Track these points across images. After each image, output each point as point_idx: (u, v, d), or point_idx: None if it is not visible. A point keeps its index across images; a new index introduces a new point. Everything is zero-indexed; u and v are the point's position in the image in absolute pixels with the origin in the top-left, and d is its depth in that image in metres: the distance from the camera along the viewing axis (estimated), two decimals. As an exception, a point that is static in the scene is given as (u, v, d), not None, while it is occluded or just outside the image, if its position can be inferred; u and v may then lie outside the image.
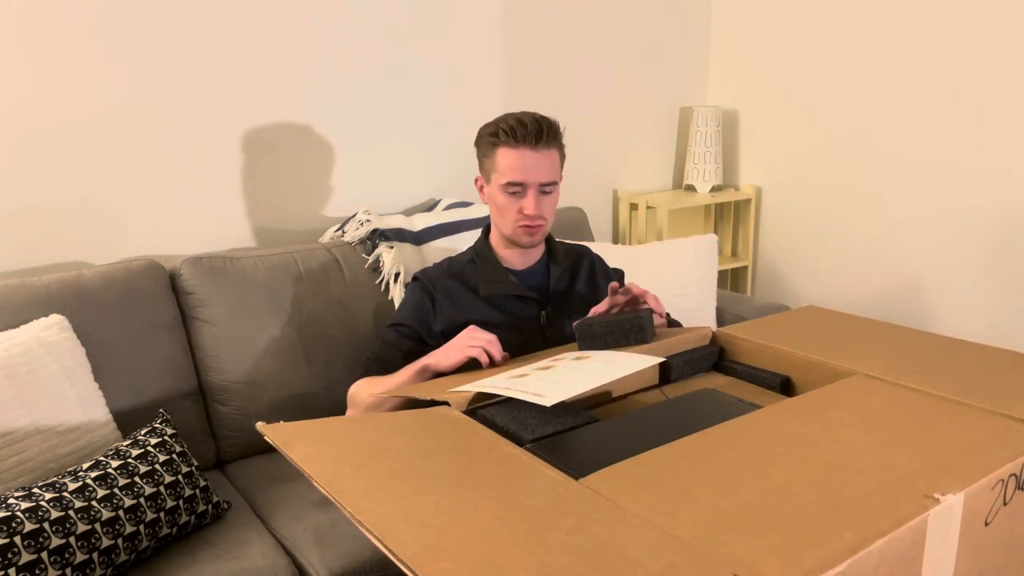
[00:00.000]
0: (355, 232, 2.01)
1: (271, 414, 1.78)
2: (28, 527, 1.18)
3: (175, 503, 1.39)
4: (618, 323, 1.32)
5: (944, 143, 2.34)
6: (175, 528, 1.39)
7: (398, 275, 1.93)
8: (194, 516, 1.43)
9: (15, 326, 1.53)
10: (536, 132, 1.45)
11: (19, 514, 1.18)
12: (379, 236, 1.98)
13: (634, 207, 2.79)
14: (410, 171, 2.32)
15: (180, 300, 1.77)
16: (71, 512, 1.23)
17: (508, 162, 1.46)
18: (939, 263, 2.42)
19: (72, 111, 1.79)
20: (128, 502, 1.31)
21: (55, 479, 1.29)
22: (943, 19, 2.29)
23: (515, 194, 1.48)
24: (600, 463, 0.88)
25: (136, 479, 1.35)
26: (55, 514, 1.22)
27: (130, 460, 1.37)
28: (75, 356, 1.52)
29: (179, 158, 1.94)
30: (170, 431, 1.48)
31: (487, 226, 1.61)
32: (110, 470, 1.33)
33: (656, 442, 0.93)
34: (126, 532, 1.29)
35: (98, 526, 1.25)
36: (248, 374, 1.77)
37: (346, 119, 2.17)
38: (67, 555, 1.20)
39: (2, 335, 1.47)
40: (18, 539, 1.16)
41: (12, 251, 1.77)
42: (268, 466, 1.76)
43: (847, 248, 2.66)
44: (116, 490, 1.31)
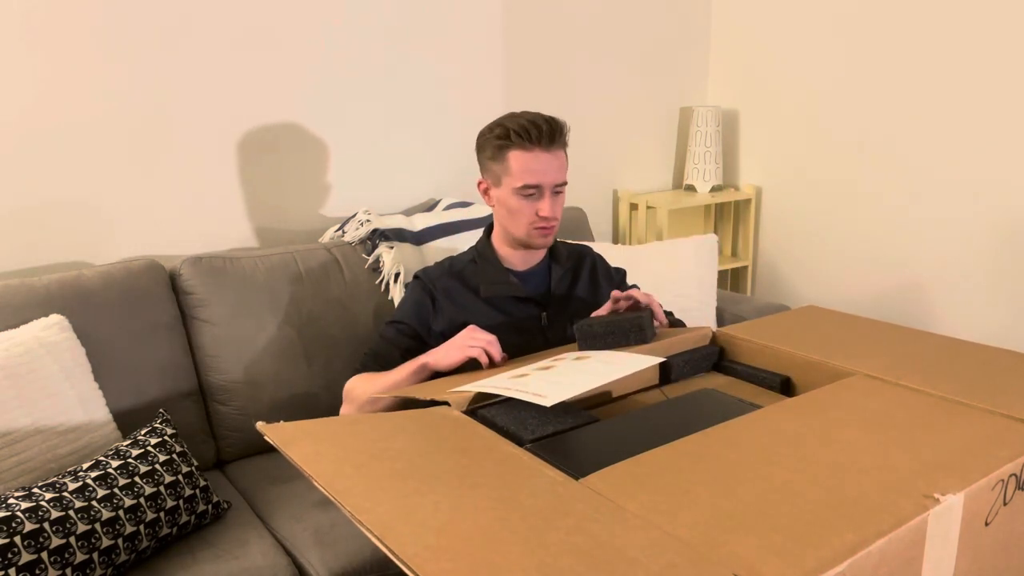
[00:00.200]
0: (355, 232, 2.01)
1: (271, 414, 1.78)
2: (28, 527, 1.18)
3: (175, 503, 1.39)
4: (618, 323, 1.32)
5: (944, 143, 2.34)
6: (175, 528, 1.39)
7: (398, 275, 1.93)
8: (194, 516, 1.43)
9: (15, 326, 1.53)
10: (549, 133, 1.44)
11: (19, 514, 1.18)
12: (379, 236, 1.98)
13: (634, 207, 2.79)
14: (410, 171, 2.32)
15: (180, 300, 1.77)
16: (71, 512, 1.23)
17: (522, 164, 1.44)
18: (939, 263, 2.42)
19: (72, 111, 1.79)
20: (128, 502, 1.31)
21: (55, 479, 1.29)
22: (944, 18, 2.29)
23: (530, 196, 1.46)
24: (600, 463, 0.88)
25: (136, 479, 1.35)
26: (55, 514, 1.22)
27: (130, 460, 1.37)
28: (75, 356, 1.52)
29: (179, 158, 1.94)
30: (170, 431, 1.48)
31: (489, 226, 1.60)
32: (110, 470, 1.33)
33: (656, 442, 0.93)
34: (126, 532, 1.29)
35: (98, 526, 1.25)
36: (248, 374, 1.77)
37: (346, 119, 2.17)
38: (67, 555, 1.20)
39: (2, 335, 1.47)
40: (18, 539, 1.16)
41: (12, 251, 1.77)
42: (268, 466, 1.76)
43: (847, 248, 2.66)
44: (116, 490, 1.31)
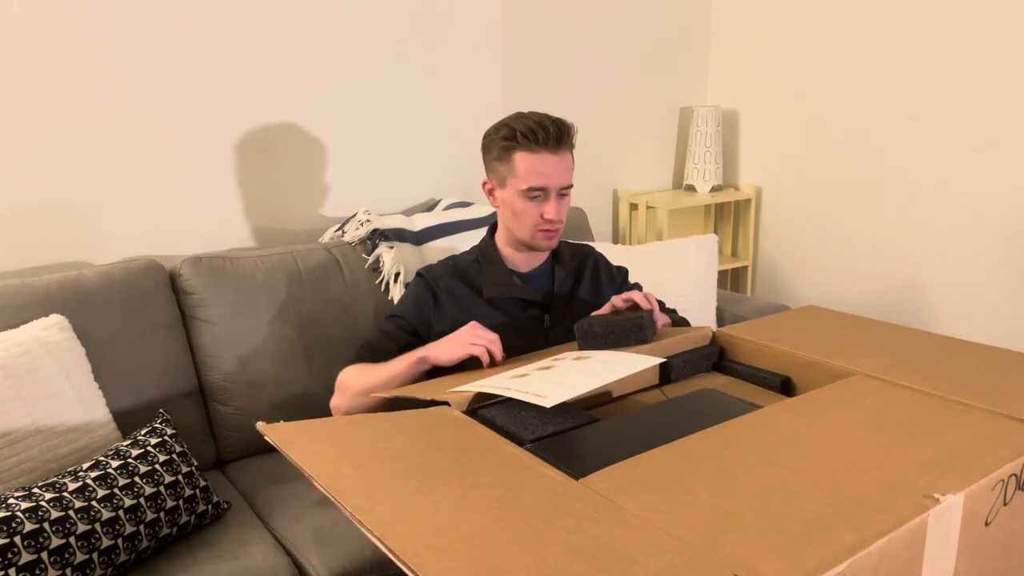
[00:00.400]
0: (355, 232, 2.01)
1: (271, 414, 1.78)
2: (28, 527, 1.18)
3: (175, 503, 1.39)
4: (618, 323, 1.32)
5: (944, 143, 2.34)
6: (175, 528, 1.39)
7: (398, 275, 1.93)
8: (194, 516, 1.43)
9: (15, 326, 1.53)
10: (556, 135, 1.43)
11: (19, 514, 1.18)
12: (379, 236, 1.98)
13: (634, 207, 2.79)
14: (410, 171, 2.32)
15: (180, 300, 1.77)
16: (71, 512, 1.23)
17: (528, 166, 1.43)
18: (939, 263, 2.42)
19: (72, 111, 1.79)
20: (128, 502, 1.31)
21: (55, 479, 1.29)
22: (944, 18, 2.29)
23: (536, 199, 1.45)
24: (600, 463, 0.88)
25: (136, 479, 1.35)
26: (55, 514, 1.22)
27: (130, 460, 1.37)
28: (75, 356, 1.52)
29: (179, 158, 1.94)
30: (170, 431, 1.48)
31: (493, 225, 1.59)
32: (110, 470, 1.33)
33: (656, 442, 0.93)
34: (126, 532, 1.29)
35: (98, 526, 1.25)
36: (248, 374, 1.77)
37: (346, 119, 2.17)
38: (67, 555, 1.20)
39: (2, 335, 1.47)
40: (18, 539, 1.16)
41: (12, 251, 1.77)
42: (268, 466, 1.75)
43: (847, 248, 2.66)
44: (116, 490, 1.31)
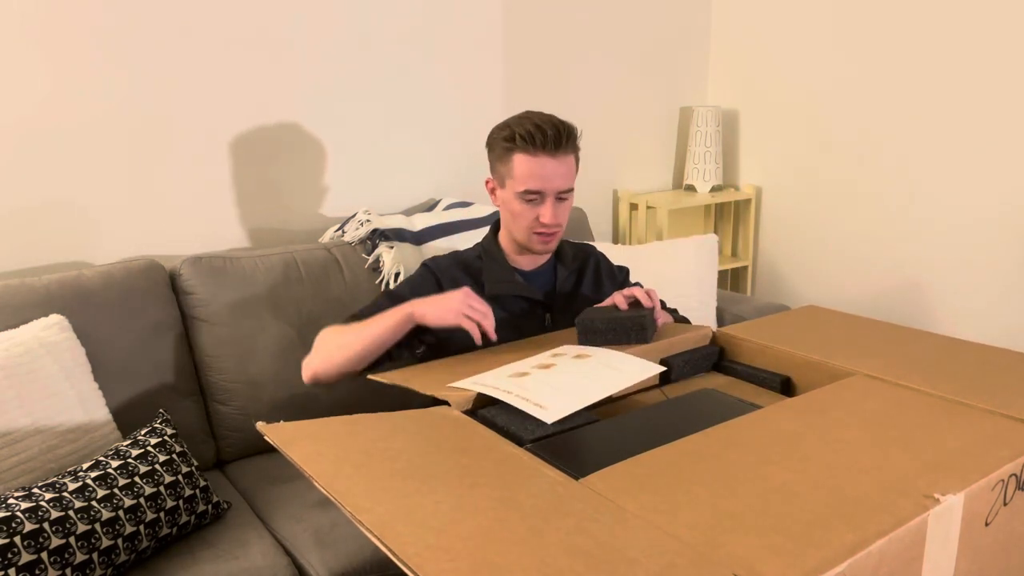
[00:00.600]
0: (355, 232, 2.01)
1: (271, 414, 1.78)
2: (28, 527, 1.18)
3: (175, 503, 1.39)
4: (620, 321, 1.31)
5: (944, 143, 2.34)
6: (175, 528, 1.39)
7: (398, 275, 1.93)
8: (194, 516, 1.43)
9: (15, 326, 1.53)
10: (555, 138, 1.40)
11: (19, 514, 1.18)
12: (379, 236, 1.98)
13: (634, 207, 2.79)
14: (410, 171, 2.32)
15: (180, 300, 1.77)
16: (71, 512, 1.23)
17: (525, 169, 1.42)
18: (939, 263, 2.42)
19: (72, 112, 1.79)
20: (128, 502, 1.31)
21: (55, 479, 1.29)
22: (944, 17, 2.29)
23: (532, 202, 1.44)
24: (600, 463, 0.88)
25: (136, 479, 1.35)
26: (55, 514, 1.22)
27: (130, 460, 1.37)
28: (75, 356, 1.52)
29: (179, 158, 1.94)
30: (170, 431, 1.48)
31: (496, 223, 1.58)
32: (110, 470, 1.33)
33: (656, 442, 0.93)
34: (126, 532, 1.29)
35: (98, 526, 1.25)
36: (248, 374, 1.77)
37: (346, 119, 2.17)
38: (67, 555, 1.20)
39: (2, 335, 1.47)
40: (18, 539, 1.16)
41: (12, 251, 1.77)
42: (268, 466, 1.75)
43: (847, 248, 2.66)
44: (116, 490, 1.31)
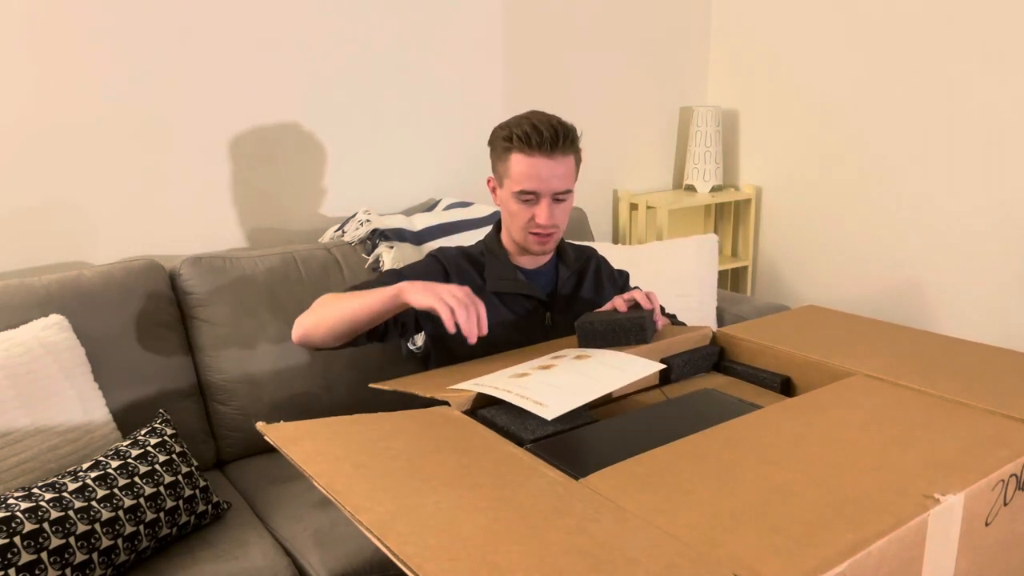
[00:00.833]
0: (355, 232, 2.01)
1: (271, 414, 1.78)
2: (28, 527, 1.18)
3: (175, 503, 1.39)
4: (619, 322, 1.32)
5: (945, 142, 2.34)
6: (175, 528, 1.39)
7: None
8: (194, 516, 1.43)
9: (15, 326, 1.53)
10: (552, 139, 1.40)
11: (19, 514, 1.18)
12: (379, 236, 1.98)
13: (634, 207, 2.79)
14: (410, 171, 2.32)
15: (180, 300, 1.77)
16: (71, 512, 1.23)
17: (521, 169, 1.42)
18: (939, 263, 2.42)
19: (72, 112, 1.79)
20: (128, 502, 1.31)
21: (55, 479, 1.29)
22: (944, 18, 2.29)
23: (527, 202, 1.44)
24: (600, 463, 0.88)
25: (136, 479, 1.35)
26: (55, 514, 1.21)
27: (130, 460, 1.37)
28: (75, 356, 1.52)
29: (179, 158, 1.94)
30: (170, 431, 1.48)
31: (499, 221, 1.58)
32: (110, 470, 1.33)
33: (656, 442, 0.93)
34: (126, 532, 1.29)
35: (98, 526, 1.25)
36: (248, 374, 1.77)
37: (346, 119, 2.17)
38: (67, 555, 1.20)
39: (2, 335, 1.47)
40: (18, 539, 1.16)
41: (12, 251, 1.77)
42: (268, 466, 1.75)
43: (847, 248, 2.66)
44: (116, 490, 1.31)
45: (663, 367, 1.20)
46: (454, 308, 1.17)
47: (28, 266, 1.80)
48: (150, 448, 1.42)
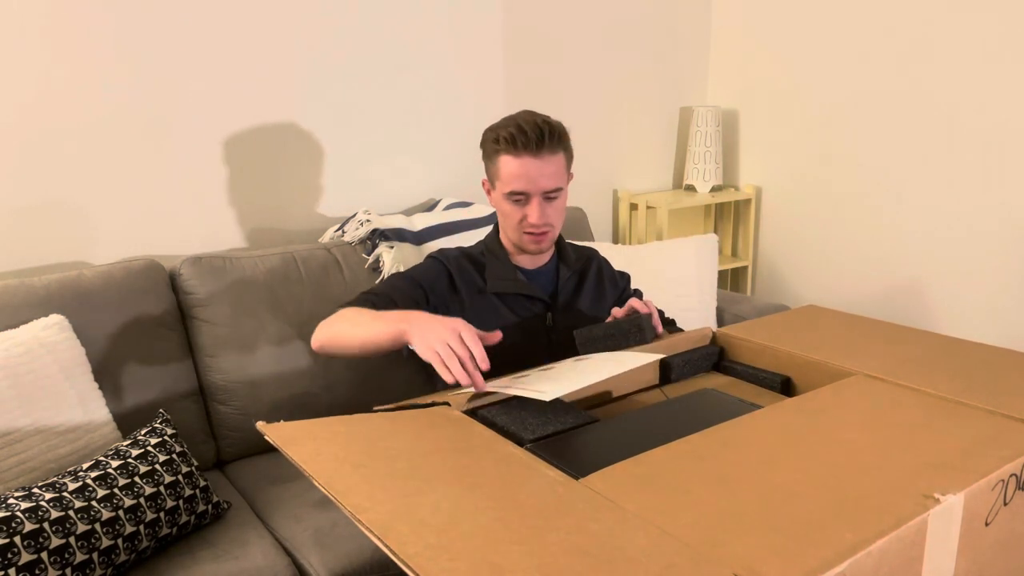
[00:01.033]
0: (355, 232, 2.01)
1: (271, 414, 1.78)
2: (28, 527, 1.18)
3: (175, 503, 1.39)
4: (617, 325, 1.32)
5: (944, 142, 2.34)
6: (175, 528, 1.39)
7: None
8: (194, 516, 1.43)
9: (15, 326, 1.53)
10: (537, 139, 1.40)
11: (19, 514, 1.18)
12: (379, 236, 1.98)
13: (634, 207, 2.79)
14: (410, 171, 2.32)
15: (180, 300, 1.77)
16: (71, 512, 1.23)
17: (510, 170, 1.42)
18: (939, 263, 2.42)
19: (72, 112, 1.79)
20: (128, 502, 1.31)
21: (55, 479, 1.29)
22: (944, 18, 2.29)
23: (518, 202, 1.44)
24: (600, 463, 0.88)
25: (136, 479, 1.35)
26: (55, 514, 1.22)
27: (130, 460, 1.37)
28: (75, 356, 1.52)
29: (179, 158, 1.94)
30: (170, 431, 1.48)
31: (497, 223, 1.59)
32: (110, 470, 1.33)
33: (656, 442, 0.93)
34: (126, 532, 1.29)
35: (98, 526, 1.25)
36: (248, 374, 1.77)
37: (346, 119, 2.17)
38: (67, 555, 1.20)
39: (2, 335, 1.47)
40: (18, 539, 1.16)
41: (12, 251, 1.77)
42: (268, 466, 1.76)
43: (847, 248, 2.66)
44: (116, 490, 1.31)
45: (661, 356, 1.20)
46: (445, 360, 1.14)
47: (28, 266, 1.80)
48: (150, 448, 1.42)
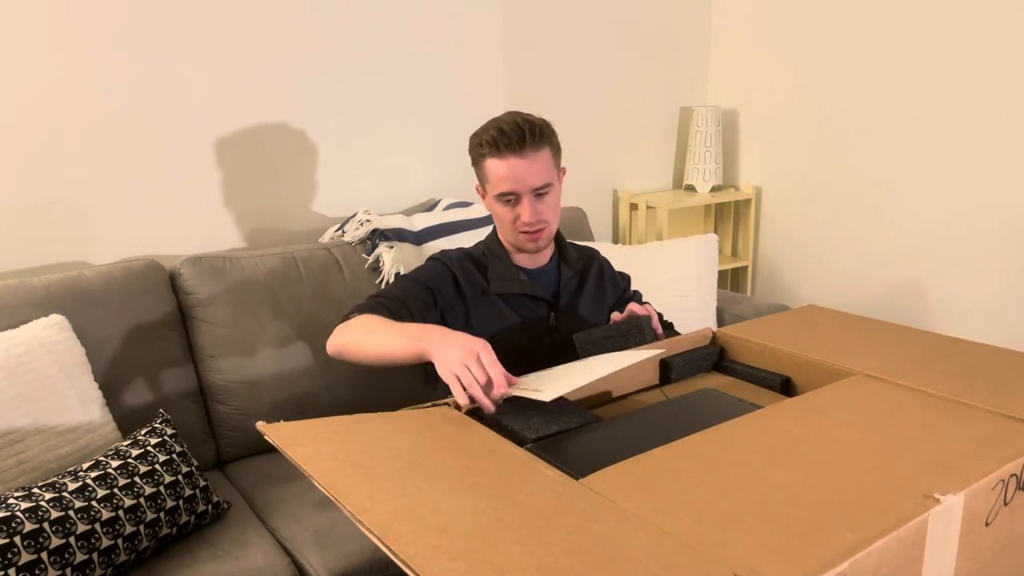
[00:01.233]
0: (355, 232, 2.01)
1: (271, 414, 1.78)
2: (28, 527, 1.18)
3: (175, 503, 1.39)
4: (616, 327, 1.32)
5: (944, 142, 2.34)
6: (175, 528, 1.39)
7: (398, 275, 1.93)
8: (194, 516, 1.43)
9: (15, 326, 1.53)
10: (519, 138, 1.39)
11: (19, 514, 1.18)
12: (379, 236, 1.98)
13: (634, 207, 2.79)
14: (410, 171, 2.32)
15: (180, 300, 1.77)
16: (71, 512, 1.23)
17: (496, 173, 1.42)
18: (939, 263, 2.42)
19: (72, 112, 1.79)
20: (128, 502, 1.31)
21: (55, 479, 1.29)
22: (943, 18, 2.29)
23: (509, 203, 1.44)
24: (600, 463, 0.88)
25: (136, 479, 1.35)
26: (55, 514, 1.21)
27: (130, 460, 1.37)
28: (75, 356, 1.52)
29: (179, 158, 1.94)
30: (170, 431, 1.48)
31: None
32: (110, 470, 1.33)
33: (656, 442, 0.93)
34: (126, 532, 1.29)
35: (98, 526, 1.25)
36: (248, 374, 1.77)
37: (346, 119, 2.17)
38: (67, 555, 1.20)
39: (2, 335, 1.47)
40: (18, 539, 1.16)
41: (12, 251, 1.77)
42: (268, 466, 1.76)
43: (847, 248, 2.66)
44: (116, 490, 1.31)
45: (660, 351, 1.20)
46: (466, 386, 1.12)
47: (28, 266, 1.80)
48: (150, 448, 1.42)
